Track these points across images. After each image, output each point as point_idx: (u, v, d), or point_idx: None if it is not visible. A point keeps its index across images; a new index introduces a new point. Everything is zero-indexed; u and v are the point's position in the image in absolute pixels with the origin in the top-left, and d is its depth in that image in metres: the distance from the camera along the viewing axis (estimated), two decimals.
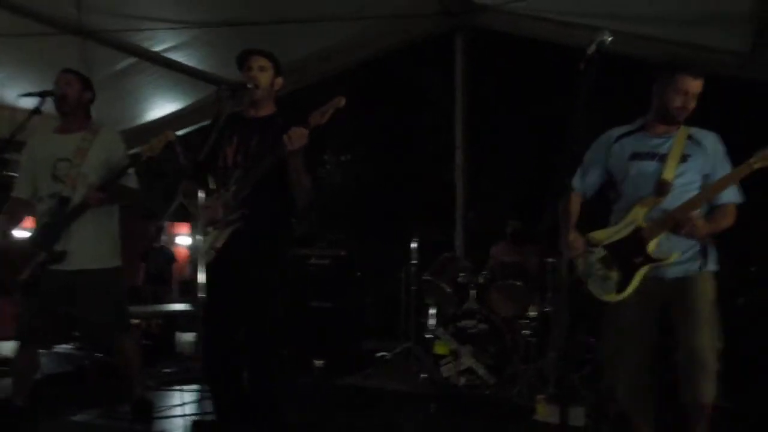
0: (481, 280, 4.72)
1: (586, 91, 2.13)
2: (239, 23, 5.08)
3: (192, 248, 2.98)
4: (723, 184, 2.60)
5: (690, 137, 2.72)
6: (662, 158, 2.68)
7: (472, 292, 4.66)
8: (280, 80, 2.96)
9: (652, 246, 2.61)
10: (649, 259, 2.62)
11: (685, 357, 2.57)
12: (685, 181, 2.66)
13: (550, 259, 4.54)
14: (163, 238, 9.21)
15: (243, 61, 2.89)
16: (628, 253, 2.65)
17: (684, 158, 2.66)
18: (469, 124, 5.97)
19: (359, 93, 2.76)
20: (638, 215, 2.67)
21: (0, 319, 2.82)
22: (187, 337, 6.57)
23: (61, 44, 4.86)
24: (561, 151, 2.68)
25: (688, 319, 2.59)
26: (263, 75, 2.86)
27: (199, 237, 2.83)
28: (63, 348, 5.46)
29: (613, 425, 3.39)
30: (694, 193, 2.65)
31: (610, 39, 2.16)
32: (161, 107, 6.62)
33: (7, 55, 5.05)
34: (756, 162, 2.50)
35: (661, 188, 2.65)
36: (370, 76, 6.68)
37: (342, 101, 2.68)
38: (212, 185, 2.80)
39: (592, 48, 2.16)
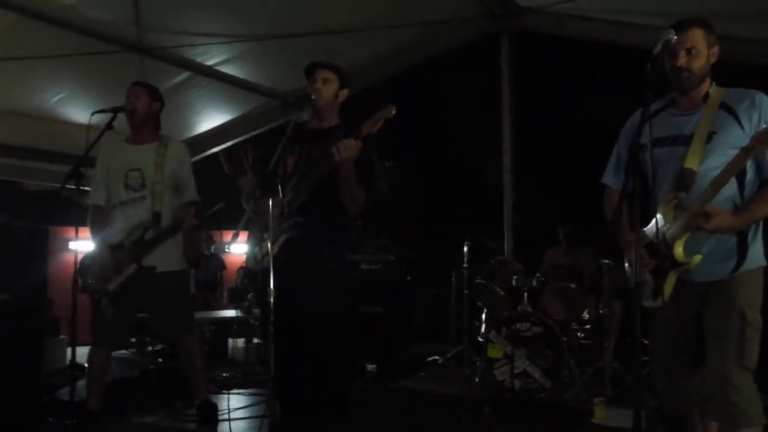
0: (534, 283, 4.72)
1: (652, 91, 2.11)
2: (287, 36, 5.20)
3: (249, 257, 3.05)
4: (723, 177, 2.15)
5: (723, 105, 2.29)
6: (687, 141, 2.29)
7: (525, 295, 4.65)
8: (345, 92, 3.04)
9: (678, 248, 2.25)
10: (675, 264, 2.26)
11: (709, 379, 2.26)
12: (713, 165, 2.22)
13: (605, 261, 4.50)
14: (213, 246, 9.42)
15: (309, 73, 2.99)
16: (658, 256, 2.30)
17: (710, 137, 2.25)
18: (516, 127, 5.96)
19: (404, 98, 2.83)
20: (665, 214, 2.31)
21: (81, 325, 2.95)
22: (239, 342, 6.73)
23: (121, 61, 5.06)
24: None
25: (711, 333, 2.27)
26: (327, 87, 2.96)
27: (255, 246, 2.93)
28: (123, 353, 5.69)
29: (670, 427, 3.35)
30: None
31: (675, 38, 2.14)
32: (213, 118, 6.83)
33: (70, 73, 5.30)
34: (751, 147, 2.09)
35: (683, 179, 2.27)
36: (415, 81, 6.72)
37: (393, 111, 2.74)
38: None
39: (658, 47, 2.13)
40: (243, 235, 3.05)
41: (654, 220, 2.32)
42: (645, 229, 2.38)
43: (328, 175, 2.80)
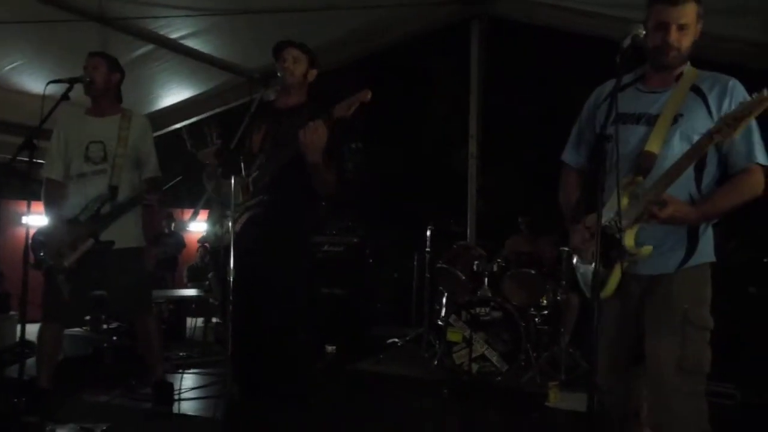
0: (495, 268, 4.77)
1: (620, 85, 2.03)
2: (256, 11, 5.10)
3: (211, 235, 3.00)
4: (683, 163, 1.98)
5: (695, 88, 2.11)
6: (652, 121, 2.11)
7: (486, 280, 4.70)
8: (314, 72, 3.00)
9: (629, 237, 2.04)
10: (624, 253, 2.04)
11: (648, 375, 2.10)
12: (676, 151, 2.04)
13: (564, 248, 4.57)
14: (173, 223, 9.27)
15: (278, 51, 2.94)
16: (607, 245, 2.04)
17: (676, 119, 2.08)
18: (483, 113, 5.99)
19: (372, 81, 2.80)
20: (618, 199, 2.04)
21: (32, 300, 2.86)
22: (197, 322, 6.66)
23: (81, 31, 4.88)
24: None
25: (649, 332, 2.10)
26: (296, 66, 2.92)
27: (216, 224, 2.89)
28: (77, 331, 5.57)
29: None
30: None
31: (644, 33, 2.02)
32: (176, 93, 6.67)
33: (27, 41, 5.09)
34: (716, 131, 1.91)
35: (642, 162, 2.08)
36: (383, 64, 6.69)
37: (368, 95, 2.64)
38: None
39: (627, 41, 2.00)
40: (203, 214, 3.00)
41: (606, 206, 2.09)
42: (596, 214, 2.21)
43: (295, 155, 2.74)
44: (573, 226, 2.32)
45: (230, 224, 2.56)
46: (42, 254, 3.27)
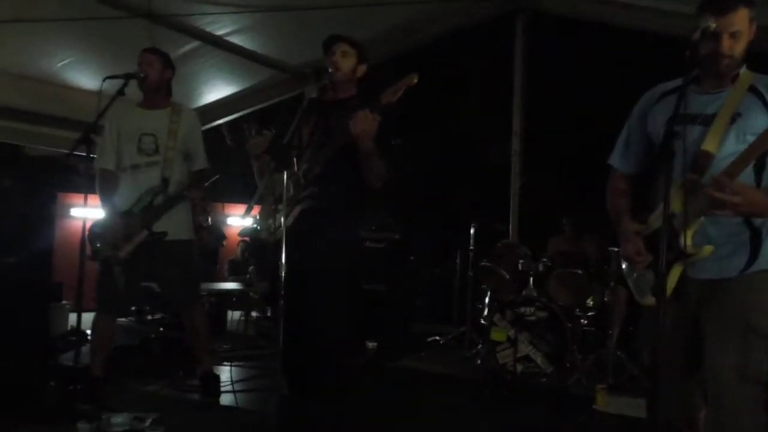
0: (540, 267, 4.71)
1: (689, 79, 1.98)
2: (300, 8, 5.12)
3: (263, 229, 3.01)
4: (751, 153, 1.93)
5: (752, 88, 2.06)
6: (709, 121, 2.06)
7: (531, 280, 4.64)
8: (363, 67, 3.00)
9: (686, 238, 1.98)
10: (682, 255, 1.98)
11: (708, 384, 2.03)
12: (732, 151, 1.99)
13: (612, 248, 4.48)
14: (213, 217, 9.42)
15: (327, 46, 2.95)
16: (660, 248, 1.88)
17: (734, 119, 2.03)
18: (526, 109, 5.91)
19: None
20: (674, 199, 2.00)
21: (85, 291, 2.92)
22: (237, 315, 6.75)
23: (129, 28, 4.96)
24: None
25: (710, 338, 2.03)
26: (345, 60, 2.91)
27: (269, 218, 2.89)
28: (123, 321, 5.69)
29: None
30: None
31: (715, 25, 1.97)
32: (220, 89, 6.74)
33: (78, 38, 5.21)
34: None
35: (699, 161, 2.02)
36: (425, 59, 6.65)
37: (414, 79, 2.65)
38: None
39: (697, 35, 1.96)
40: (255, 210, 3.01)
41: (660, 207, 2.00)
42: (649, 218, 2.17)
43: (345, 146, 2.75)
44: (623, 233, 2.24)
45: (282, 219, 2.55)
46: (98, 245, 3.34)
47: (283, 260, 2.48)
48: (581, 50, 6.89)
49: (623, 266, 2.30)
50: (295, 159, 2.78)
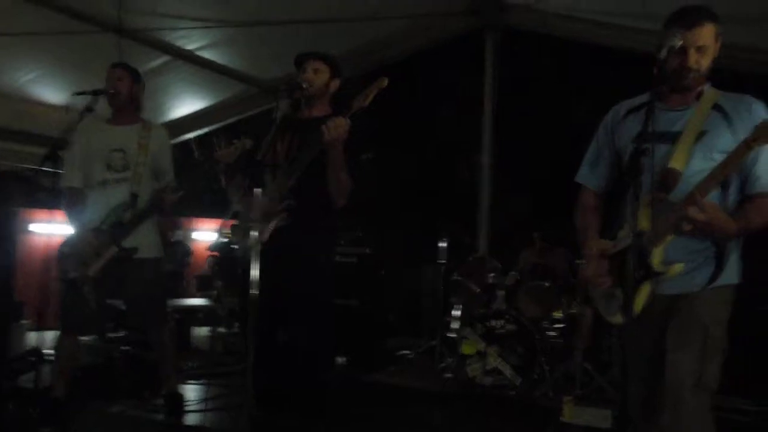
0: (510, 281, 4.75)
1: (656, 97, 2.02)
2: (271, 23, 5.13)
3: (240, 247, 2.97)
4: (720, 172, 1.96)
5: (717, 107, 2.10)
6: (675, 138, 2.09)
7: (501, 293, 4.68)
8: (336, 82, 3.00)
9: (655, 256, 2.03)
10: (651, 273, 2.03)
11: (666, 391, 2.07)
12: (698, 169, 2.03)
13: (579, 261, 4.53)
14: (179, 233, 9.30)
15: (299, 63, 2.95)
16: (630, 265, 1.95)
17: (700, 136, 2.06)
18: (496, 124, 5.98)
19: (386, 91, 2.80)
20: (642, 217, 2.05)
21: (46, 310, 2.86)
22: (203, 331, 6.66)
23: (98, 42, 4.93)
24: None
25: (674, 346, 2.07)
26: (318, 77, 2.92)
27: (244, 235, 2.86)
28: (85, 339, 5.56)
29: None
30: None
31: (680, 43, 2.02)
32: (190, 104, 6.71)
33: (44, 52, 5.14)
34: (753, 140, 1.89)
35: (666, 179, 2.05)
36: (396, 74, 6.67)
37: (384, 81, 2.67)
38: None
39: (664, 53, 2.00)
40: (224, 223, 2.98)
41: (628, 225, 2.09)
42: (616, 238, 2.20)
43: (317, 158, 2.74)
44: (586, 255, 2.28)
45: (256, 234, 2.53)
46: (67, 265, 3.26)
47: (252, 276, 2.45)
48: (552, 66, 7.01)
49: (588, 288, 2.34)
50: (270, 176, 2.78)
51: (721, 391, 2.10)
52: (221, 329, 6.55)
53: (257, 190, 2.45)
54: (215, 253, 8.64)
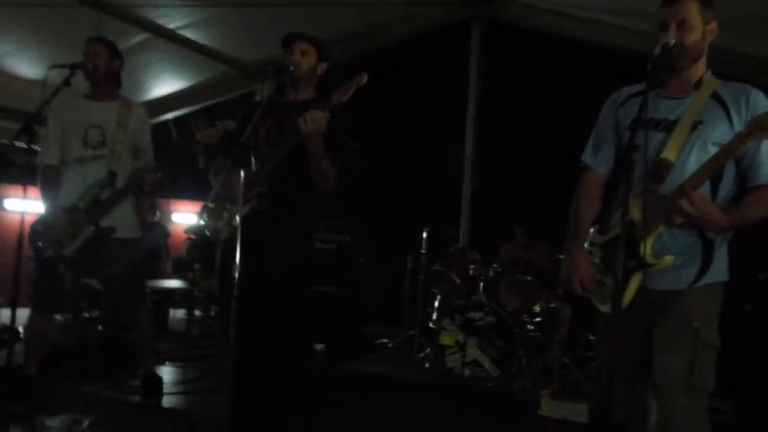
0: (491, 273, 4.75)
1: (648, 94, 1.95)
2: (256, 3, 5.03)
3: (211, 229, 2.92)
4: (712, 165, 1.94)
5: (715, 95, 2.06)
6: (671, 127, 2.06)
7: (481, 285, 4.68)
8: (324, 65, 2.96)
9: (646, 246, 2.00)
10: (642, 264, 2.00)
11: (651, 393, 2.06)
12: (691, 160, 2.01)
13: (561, 256, 4.55)
14: (158, 214, 9.16)
15: (287, 44, 2.90)
16: (617, 256, 1.86)
17: (695, 126, 2.03)
18: (480, 116, 5.98)
19: (371, 78, 2.77)
20: (633, 206, 2.01)
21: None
22: (179, 313, 6.59)
23: (76, 16, 4.79)
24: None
25: (660, 349, 2.04)
26: (305, 59, 2.88)
27: (218, 218, 2.81)
28: (58, 318, 5.45)
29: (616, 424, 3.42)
30: None
31: (674, 42, 2.00)
32: (169, 84, 6.58)
33: (19, 25, 4.99)
34: (746, 134, 1.86)
35: (658, 169, 2.03)
36: (381, 62, 6.65)
37: (364, 78, 2.66)
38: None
39: (658, 49, 1.97)
40: (191, 205, 2.92)
41: (617, 215, 2.07)
42: (608, 225, 2.19)
43: (296, 146, 2.71)
44: (573, 254, 2.26)
45: (237, 218, 2.48)
46: (41, 244, 3.17)
47: (237, 260, 2.40)
48: (537, 59, 7.01)
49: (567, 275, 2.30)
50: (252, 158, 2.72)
51: None
52: (198, 312, 6.50)
53: (241, 172, 2.39)
54: (192, 236, 8.56)
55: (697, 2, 2.04)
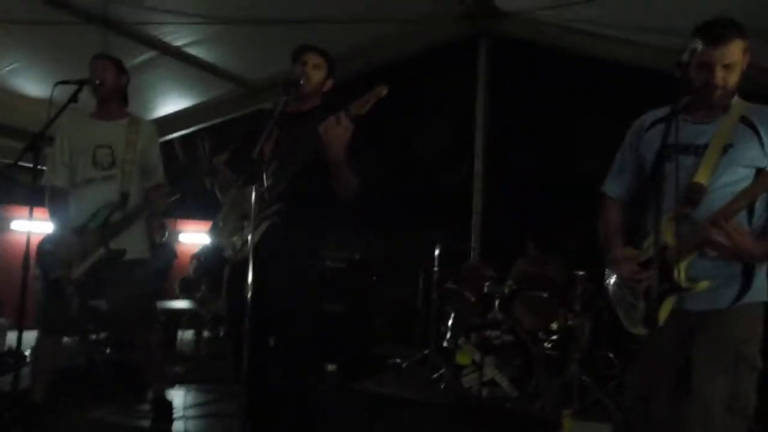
0: (505, 290, 4.64)
1: (680, 99, 1.96)
2: (263, 21, 5.00)
3: (226, 246, 2.81)
4: (754, 192, 1.95)
5: (744, 119, 2.04)
6: (700, 151, 2.04)
7: (497, 303, 4.57)
8: (330, 82, 2.88)
9: (680, 270, 1.98)
10: (675, 288, 1.99)
11: (691, 414, 1.98)
12: (725, 182, 2.00)
13: (578, 272, 4.45)
14: (167, 234, 9.11)
15: (299, 55, 2.82)
16: (653, 278, 1.96)
17: (726, 150, 2.00)
18: (488, 132, 5.91)
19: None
20: (666, 230, 2.01)
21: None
22: (188, 335, 6.49)
23: (83, 34, 4.76)
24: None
25: (700, 368, 1.99)
26: (316, 73, 2.79)
27: (233, 235, 2.73)
28: (65, 341, 5.36)
29: None
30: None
31: (701, 47, 1.95)
32: (176, 102, 6.55)
33: (26, 43, 4.97)
34: None
35: (692, 193, 2.01)
36: (390, 78, 6.59)
37: (384, 90, 2.51)
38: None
39: (686, 56, 1.92)
40: (198, 224, 2.85)
41: (651, 237, 2.03)
42: (643, 244, 2.18)
43: (312, 158, 2.59)
44: (615, 258, 2.25)
45: (248, 236, 2.40)
46: (49, 264, 3.08)
47: (250, 280, 2.31)
48: (545, 74, 6.96)
49: (612, 292, 2.27)
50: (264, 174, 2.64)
51: None
52: (206, 333, 6.42)
53: (252, 189, 2.31)
54: (200, 257, 8.49)
55: (742, 41, 2.01)
